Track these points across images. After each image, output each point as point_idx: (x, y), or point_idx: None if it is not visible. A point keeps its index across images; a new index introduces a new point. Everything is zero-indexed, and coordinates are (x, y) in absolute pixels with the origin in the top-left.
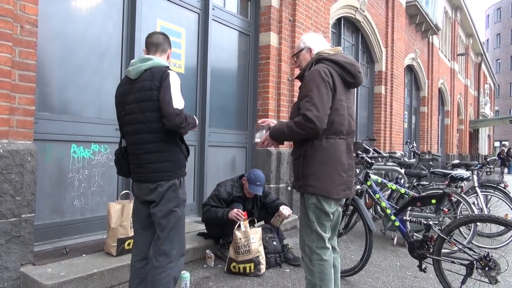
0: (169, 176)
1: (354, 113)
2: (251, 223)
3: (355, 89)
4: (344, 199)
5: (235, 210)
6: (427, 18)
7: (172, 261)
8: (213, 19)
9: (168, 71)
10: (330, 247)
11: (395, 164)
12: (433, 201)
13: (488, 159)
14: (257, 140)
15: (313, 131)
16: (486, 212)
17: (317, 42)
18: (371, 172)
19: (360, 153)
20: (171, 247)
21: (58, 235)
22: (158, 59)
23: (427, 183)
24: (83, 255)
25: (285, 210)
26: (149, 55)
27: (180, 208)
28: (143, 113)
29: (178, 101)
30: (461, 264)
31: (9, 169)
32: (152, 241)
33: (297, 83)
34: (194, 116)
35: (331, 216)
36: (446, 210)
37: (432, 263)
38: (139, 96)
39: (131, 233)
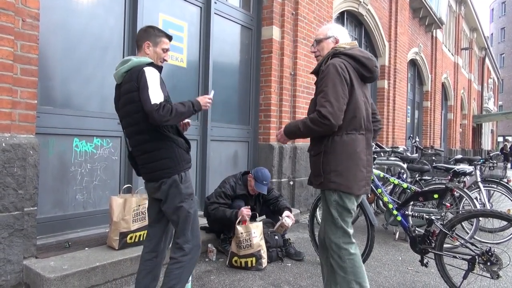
0: (169, 173)
1: (371, 109)
2: (253, 218)
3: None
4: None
5: (244, 210)
6: (431, 11)
7: (186, 254)
8: (215, 13)
9: (144, 68)
10: (355, 242)
11: (397, 158)
12: (436, 196)
13: (491, 154)
14: None
15: (328, 127)
16: (488, 207)
17: (344, 35)
18: (373, 166)
19: None
20: (184, 241)
21: (61, 228)
22: (138, 58)
23: (429, 178)
24: (86, 248)
25: (287, 220)
26: (130, 56)
27: (186, 202)
28: (130, 116)
29: (155, 96)
30: (463, 259)
31: (12, 163)
32: (163, 234)
33: (299, 77)
34: (199, 98)
35: (353, 213)
36: (449, 205)
37: (434, 258)
38: (124, 99)
39: (133, 227)
